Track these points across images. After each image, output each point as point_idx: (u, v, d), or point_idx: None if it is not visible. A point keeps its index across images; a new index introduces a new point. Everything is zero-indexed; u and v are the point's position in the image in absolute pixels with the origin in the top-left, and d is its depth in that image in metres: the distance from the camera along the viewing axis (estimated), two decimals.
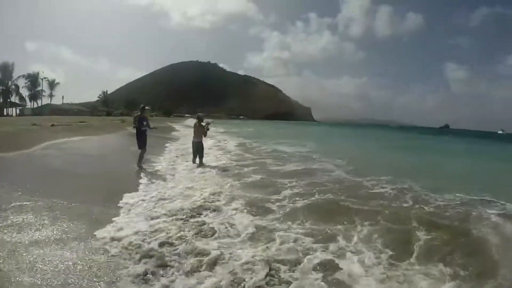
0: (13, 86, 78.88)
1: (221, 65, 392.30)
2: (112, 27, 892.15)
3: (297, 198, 7.52)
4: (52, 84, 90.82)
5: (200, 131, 11.84)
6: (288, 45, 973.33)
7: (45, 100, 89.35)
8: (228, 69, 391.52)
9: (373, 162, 14.30)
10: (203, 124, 11.96)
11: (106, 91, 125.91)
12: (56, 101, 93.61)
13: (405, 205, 7.38)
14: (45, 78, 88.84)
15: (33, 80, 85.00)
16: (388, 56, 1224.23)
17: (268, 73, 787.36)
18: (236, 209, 6.61)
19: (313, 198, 7.60)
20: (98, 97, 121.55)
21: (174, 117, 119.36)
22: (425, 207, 7.14)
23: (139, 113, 11.49)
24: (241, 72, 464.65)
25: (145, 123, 11.31)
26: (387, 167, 12.19)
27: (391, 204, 7.36)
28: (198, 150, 11.81)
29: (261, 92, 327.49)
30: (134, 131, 11.54)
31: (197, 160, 11.83)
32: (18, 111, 74.12)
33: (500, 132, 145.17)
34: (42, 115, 62.64)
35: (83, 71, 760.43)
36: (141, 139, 11.20)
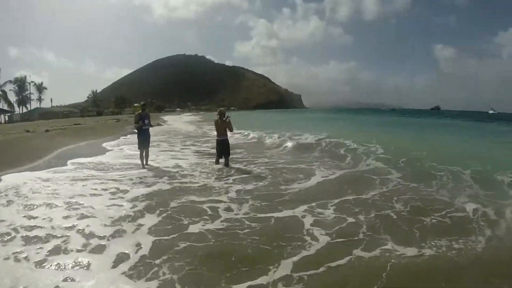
0: (0, 92, 76.48)
1: (208, 57, 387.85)
2: (94, 27, 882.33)
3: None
4: (40, 88, 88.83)
5: (224, 127, 10.75)
6: (275, 32, 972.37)
7: (34, 104, 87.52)
8: (216, 60, 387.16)
9: (427, 156, 10.46)
10: (225, 119, 10.76)
11: (96, 90, 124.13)
12: (45, 104, 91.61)
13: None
14: (32, 82, 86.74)
15: (20, 84, 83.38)
16: (376, 39, 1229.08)
17: (257, 61, 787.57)
18: None
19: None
20: (88, 97, 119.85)
21: (165, 112, 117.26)
22: None
23: (140, 111, 10.80)
24: (229, 62, 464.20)
25: (146, 121, 10.80)
26: (444, 160, 9.29)
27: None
28: (224, 149, 10.69)
29: (251, 82, 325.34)
30: (135, 130, 11.06)
31: (222, 160, 10.75)
32: (7, 118, 71.56)
33: (491, 111, 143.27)
34: (32, 120, 61.09)
35: (68, 73, 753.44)
36: (143, 138, 10.73)
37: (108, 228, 5.10)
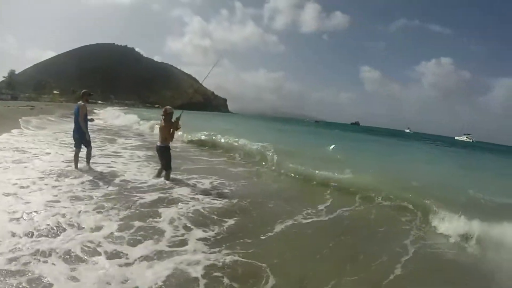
0: None
1: (137, 49, 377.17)
2: None
3: None
4: None
5: (166, 131, 8.02)
6: (210, 32, 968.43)
7: None
8: (145, 54, 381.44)
9: None
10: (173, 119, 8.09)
11: (14, 70, 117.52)
12: None
13: None
14: None
15: None
16: (307, 52, 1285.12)
17: (187, 60, 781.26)
18: None
19: None
20: (4, 77, 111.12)
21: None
22: None
23: (80, 101, 8.43)
24: (158, 58, 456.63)
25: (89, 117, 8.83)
26: None
27: None
28: (162, 159, 8.20)
29: (178, 81, 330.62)
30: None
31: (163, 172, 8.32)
32: None
33: (407, 130, 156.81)
34: None
35: None
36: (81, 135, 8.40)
37: None
